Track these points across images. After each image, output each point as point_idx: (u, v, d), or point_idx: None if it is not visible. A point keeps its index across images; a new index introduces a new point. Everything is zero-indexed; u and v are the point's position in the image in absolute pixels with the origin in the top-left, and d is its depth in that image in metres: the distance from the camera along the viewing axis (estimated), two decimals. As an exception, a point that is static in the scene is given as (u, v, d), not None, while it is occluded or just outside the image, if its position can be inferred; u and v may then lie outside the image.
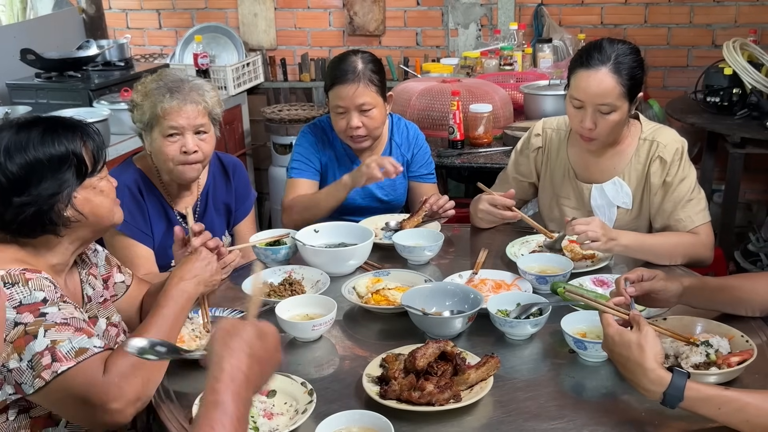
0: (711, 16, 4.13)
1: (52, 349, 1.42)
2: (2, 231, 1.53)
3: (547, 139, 2.38)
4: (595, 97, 2.07)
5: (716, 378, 1.50)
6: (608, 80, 2.06)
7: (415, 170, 2.66)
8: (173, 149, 2.15)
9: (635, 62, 2.11)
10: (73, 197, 1.55)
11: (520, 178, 2.44)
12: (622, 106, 2.10)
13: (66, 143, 1.55)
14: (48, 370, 1.41)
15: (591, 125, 2.11)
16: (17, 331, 1.42)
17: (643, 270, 1.73)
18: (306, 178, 2.57)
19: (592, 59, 2.08)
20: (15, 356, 1.41)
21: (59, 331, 1.44)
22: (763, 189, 4.28)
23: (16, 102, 3.45)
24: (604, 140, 2.16)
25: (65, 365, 1.41)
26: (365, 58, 2.45)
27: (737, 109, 3.53)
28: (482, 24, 4.40)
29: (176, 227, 1.86)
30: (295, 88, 4.75)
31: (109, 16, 4.72)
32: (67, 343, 1.43)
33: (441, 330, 1.71)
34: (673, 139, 2.20)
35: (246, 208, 2.48)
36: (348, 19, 4.56)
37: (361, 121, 2.42)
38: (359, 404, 1.50)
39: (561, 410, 1.48)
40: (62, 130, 1.56)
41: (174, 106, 2.12)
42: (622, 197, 2.24)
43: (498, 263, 2.12)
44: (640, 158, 2.22)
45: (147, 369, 1.48)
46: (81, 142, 1.57)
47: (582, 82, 2.09)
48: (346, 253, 2.07)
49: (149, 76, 2.22)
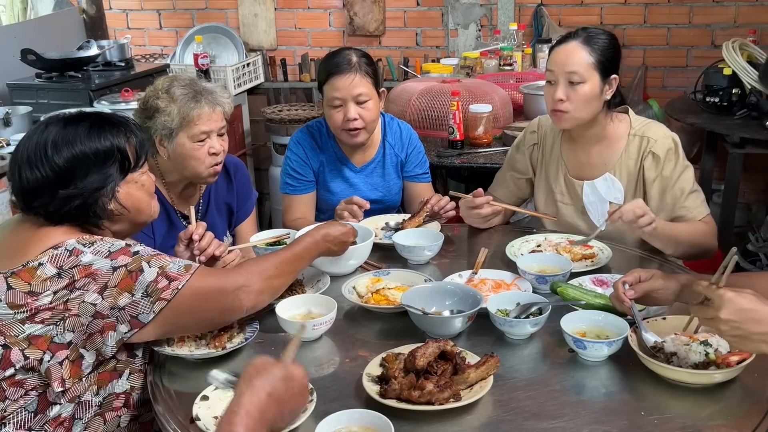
0: (710, 16, 4.14)
1: (163, 273, 1.54)
2: (47, 221, 1.57)
3: (542, 135, 2.41)
4: (564, 66, 2.16)
5: (716, 377, 1.50)
6: (578, 50, 2.16)
7: (409, 170, 2.66)
8: (203, 152, 2.17)
9: (608, 42, 2.19)
10: (116, 191, 1.61)
11: (517, 176, 2.46)
12: (592, 79, 2.15)
13: (111, 138, 1.60)
14: (167, 291, 1.53)
15: (562, 96, 2.16)
16: (119, 274, 1.50)
17: (640, 271, 1.73)
18: (302, 193, 2.59)
19: (566, 38, 2.22)
20: (125, 294, 1.50)
21: (159, 258, 1.56)
22: (763, 189, 4.29)
23: (17, 102, 3.46)
24: (576, 116, 2.19)
25: (183, 280, 1.55)
26: (358, 53, 2.47)
27: (736, 109, 3.53)
28: (482, 24, 4.41)
29: (181, 233, 1.93)
30: (295, 88, 4.75)
31: (109, 17, 4.73)
32: (173, 265, 1.56)
33: (441, 329, 1.72)
34: (664, 134, 2.23)
35: (247, 208, 2.49)
36: (348, 20, 4.56)
37: (357, 112, 2.42)
38: (359, 403, 1.50)
39: (561, 410, 1.48)
40: (108, 126, 1.62)
41: (206, 112, 2.15)
42: (614, 193, 2.26)
43: (498, 263, 2.12)
44: (631, 154, 2.24)
45: (281, 281, 1.72)
46: (125, 138, 1.63)
47: (554, 57, 2.20)
48: (346, 253, 2.07)
49: (162, 82, 2.20)
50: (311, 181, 2.60)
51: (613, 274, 1.99)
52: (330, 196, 2.61)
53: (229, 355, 1.69)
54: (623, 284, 1.70)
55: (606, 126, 2.26)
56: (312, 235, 1.86)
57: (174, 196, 2.31)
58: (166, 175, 2.27)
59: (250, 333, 1.74)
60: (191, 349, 1.70)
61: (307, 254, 1.83)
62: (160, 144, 2.18)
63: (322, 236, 1.87)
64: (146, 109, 2.18)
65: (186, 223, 2.31)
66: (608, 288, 1.92)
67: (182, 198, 2.33)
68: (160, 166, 2.26)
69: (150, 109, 2.17)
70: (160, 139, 2.17)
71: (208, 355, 1.67)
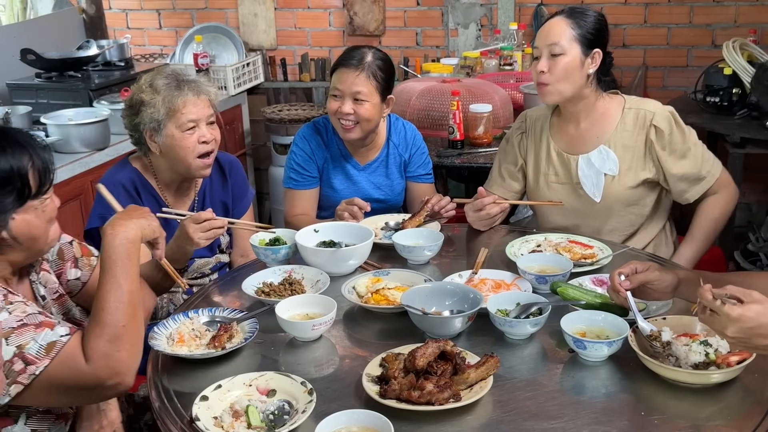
0: (711, 16, 4.13)
1: (21, 355, 1.39)
2: None
3: (529, 124, 2.46)
4: (546, 38, 2.23)
5: (716, 378, 1.50)
6: (560, 23, 2.23)
7: (412, 170, 2.67)
8: (192, 141, 2.18)
9: (593, 18, 2.25)
10: (10, 219, 1.47)
11: (510, 168, 2.49)
12: (573, 51, 2.20)
13: (12, 162, 1.45)
14: (24, 375, 1.39)
15: (543, 68, 2.21)
16: None
17: (636, 262, 1.73)
18: (305, 189, 2.59)
19: (552, 15, 2.30)
20: None
21: (20, 334, 1.40)
22: (763, 189, 4.28)
23: (17, 102, 3.46)
24: (558, 88, 2.23)
25: (41, 365, 1.40)
26: (376, 54, 2.48)
27: (737, 109, 3.53)
28: (482, 24, 4.40)
29: (197, 214, 2.02)
30: (295, 88, 4.75)
31: (109, 16, 4.72)
32: (33, 344, 1.40)
33: (441, 329, 1.71)
34: (661, 107, 2.29)
35: (244, 206, 2.48)
36: (348, 19, 4.56)
37: (353, 108, 2.43)
38: (359, 404, 1.50)
39: (561, 410, 1.48)
40: (9, 148, 1.46)
41: (191, 99, 2.17)
42: (608, 164, 2.29)
43: (498, 263, 2.12)
44: (627, 125, 2.29)
45: (127, 336, 1.47)
46: (29, 161, 1.47)
47: (539, 32, 2.29)
48: (346, 253, 2.07)
49: (145, 78, 2.23)
50: (315, 177, 2.60)
51: (613, 274, 1.98)
52: (333, 193, 2.61)
53: (229, 355, 1.69)
54: (619, 275, 1.70)
55: (596, 102, 2.30)
56: (106, 245, 1.56)
57: (169, 195, 2.32)
58: (160, 173, 2.28)
59: (249, 333, 1.73)
60: (191, 349, 1.69)
61: (128, 259, 1.55)
62: (150, 139, 2.20)
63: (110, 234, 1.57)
64: (132, 105, 2.21)
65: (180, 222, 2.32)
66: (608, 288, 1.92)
67: (177, 197, 2.33)
68: (153, 164, 2.27)
69: (135, 105, 2.19)
70: (150, 133, 2.19)
71: (208, 355, 1.67)
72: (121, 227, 1.56)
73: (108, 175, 2.30)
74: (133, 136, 2.27)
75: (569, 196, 2.36)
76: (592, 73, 2.24)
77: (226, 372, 1.62)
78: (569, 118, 2.35)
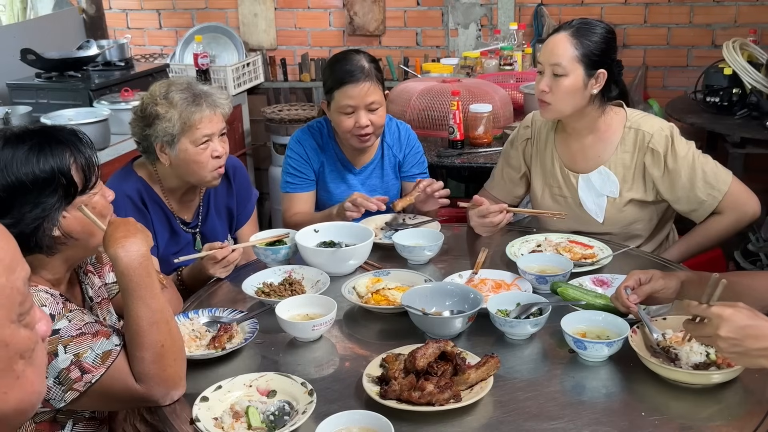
0: (711, 16, 4.13)
1: (77, 363, 1.42)
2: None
3: (536, 130, 2.42)
4: (549, 57, 2.17)
5: (716, 378, 1.50)
6: (563, 42, 2.16)
7: (407, 170, 2.66)
8: (206, 156, 2.16)
9: (600, 36, 2.17)
10: (61, 218, 1.47)
11: (511, 172, 2.47)
12: (575, 72, 2.15)
13: (53, 161, 1.45)
14: (80, 382, 1.42)
15: (545, 87, 2.18)
16: None
17: (639, 273, 1.72)
18: (302, 191, 2.58)
19: (558, 28, 2.23)
20: None
21: (78, 343, 1.43)
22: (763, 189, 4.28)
23: (17, 102, 3.45)
24: (558, 108, 2.20)
25: (97, 373, 1.43)
26: (367, 57, 2.46)
27: (737, 109, 3.53)
28: (482, 24, 4.40)
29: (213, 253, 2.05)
30: (295, 88, 4.75)
31: (109, 16, 4.72)
32: (90, 353, 1.43)
33: (441, 330, 1.71)
34: (660, 127, 2.22)
35: (248, 211, 2.49)
36: (348, 19, 4.56)
37: (369, 119, 2.42)
38: (359, 404, 1.50)
39: (561, 410, 1.48)
40: (51, 147, 1.46)
41: (207, 115, 2.14)
42: (609, 187, 2.26)
43: (498, 263, 2.12)
44: (627, 147, 2.24)
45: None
46: (71, 159, 1.48)
47: (543, 47, 2.24)
48: (346, 253, 2.07)
49: (158, 88, 2.17)
50: (312, 180, 2.60)
51: (614, 274, 1.98)
52: (328, 197, 2.61)
53: (229, 355, 1.69)
54: (625, 289, 1.70)
55: (597, 119, 2.25)
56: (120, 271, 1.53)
57: (173, 203, 2.30)
58: (165, 181, 2.26)
59: (249, 333, 1.73)
60: (191, 350, 1.69)
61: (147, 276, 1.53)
62: (161, 151, 2.16)
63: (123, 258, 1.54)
64: (145, 116, 2.15)
65: (186, 229, 2.31)
66: (608, 288, 1.92)
67: (182, 204, 2.32)
68: (159, 172, 2.25)
69: (149, 117, 2.14)
70: (161, 146, 2.15)
71: (208, 355, 1.67)
72: (132, 245, 1.52)
73: (113, 183, 2.22)
74: (142, 145, 2.22)
75: (572, 211, 2.33)
76: (596, 93, 2.19)
77: (227, 373, 1.62)
78: (571, 133, 2.31)
